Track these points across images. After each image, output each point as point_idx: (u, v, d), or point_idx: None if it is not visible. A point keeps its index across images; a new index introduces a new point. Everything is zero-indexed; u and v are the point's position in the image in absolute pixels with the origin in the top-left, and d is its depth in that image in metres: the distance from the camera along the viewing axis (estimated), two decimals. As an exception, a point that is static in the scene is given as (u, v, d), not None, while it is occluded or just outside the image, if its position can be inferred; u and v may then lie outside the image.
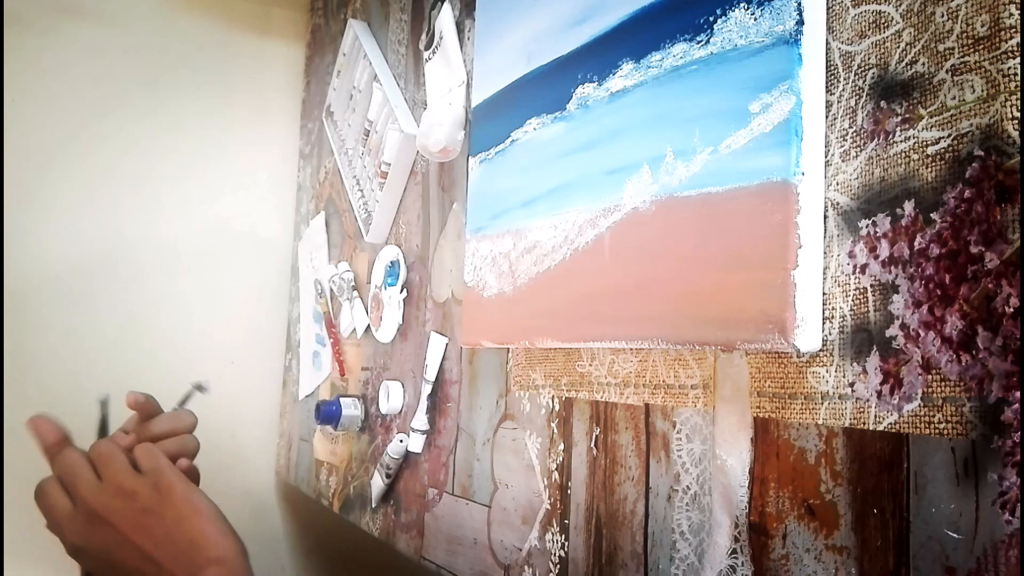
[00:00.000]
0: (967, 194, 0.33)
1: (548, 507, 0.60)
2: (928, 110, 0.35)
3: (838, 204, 0.39)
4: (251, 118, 1.33)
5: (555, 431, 0.60)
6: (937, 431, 0.33)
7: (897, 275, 0.35)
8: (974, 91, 0.33)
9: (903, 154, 0.36)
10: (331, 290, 1.06)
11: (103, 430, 0.64)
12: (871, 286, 0.37)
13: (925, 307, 0.34)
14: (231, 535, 0.53)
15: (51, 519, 0.54)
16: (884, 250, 0.36)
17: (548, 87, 0.57)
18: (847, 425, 0.38)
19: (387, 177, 0.87)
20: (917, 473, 0.34)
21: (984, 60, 0.32)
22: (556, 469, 0.59)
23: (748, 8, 0.41)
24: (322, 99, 1.18)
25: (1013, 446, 0.30)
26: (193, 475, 0.58)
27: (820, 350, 0.39)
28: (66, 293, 1.19)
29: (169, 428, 0.63)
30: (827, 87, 0.40)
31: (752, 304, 0.40)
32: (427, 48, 0.81)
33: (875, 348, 0.36)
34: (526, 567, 0.62)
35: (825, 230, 0.39)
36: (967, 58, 0.33)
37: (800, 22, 0.39)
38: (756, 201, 0.40)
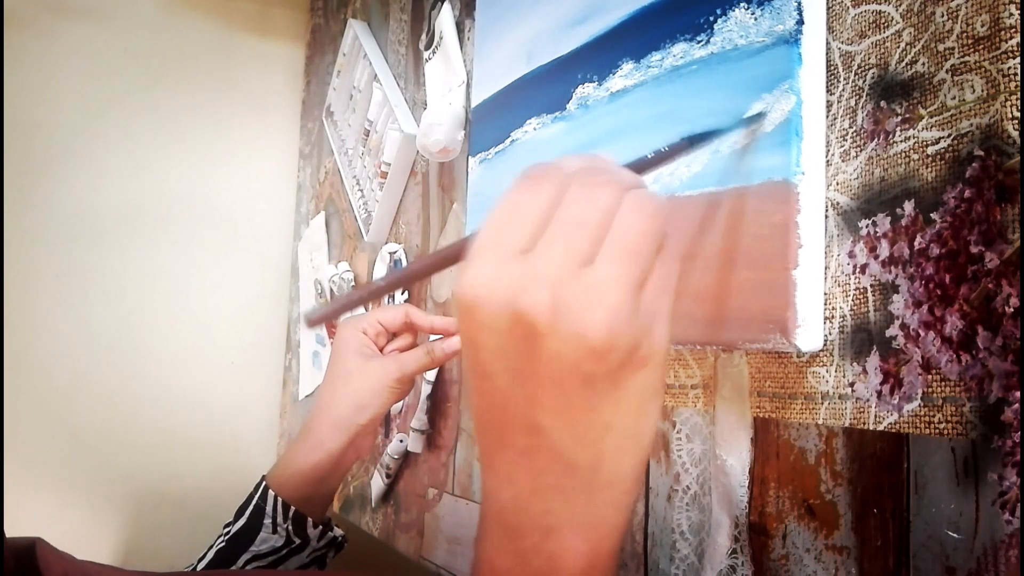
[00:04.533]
0: (967, 194, 0.33)
1: (548, 507, 0.60)
2: (928, 110, 0.35)
3: (838, 204, 0.39)
4: (251, 118, 1.33)
5: (555, 431, 0.60)
6: (937, 431, 0.33)
7: (897, 275, 0.35)
8: (974, 91, 0.33)
9: (903, 154, 0.36)
10: (331, 290, 1.06)
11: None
12: (871, 286, 0.37)
13: (925, 307, 0.34)
14: None
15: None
16: (884, 250, 0.36)
17: (548, 87, 0.57)
18: (847, 425, 0.38)
19: (387, 177, 0.87)
20: (917, 473, 0.34)
21: (984, 60, 0.32)
22: (556, 469, 0.59)
23: (748, 8, 0.41)
24: (322, 99, 1.18)
25: (1013, 446, 0.30)
26: None
27: (820, 350, 0.39)
28: (65, 292, 1.19)
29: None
30: (827, 87, 0.40)
31: (753, 304, 0.40)
32: (427, 48, 0.81)
33: (875, 348, 0.36)
34: (526, 567, 0.62)
35: (825, 230, 0.39)
36: (967, 58, 0.33)
37: (800, 22, 0.39)
38: (757, 201, 0.40)
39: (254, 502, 0.63)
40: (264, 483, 0.64)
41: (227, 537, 0.63)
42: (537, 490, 0.30)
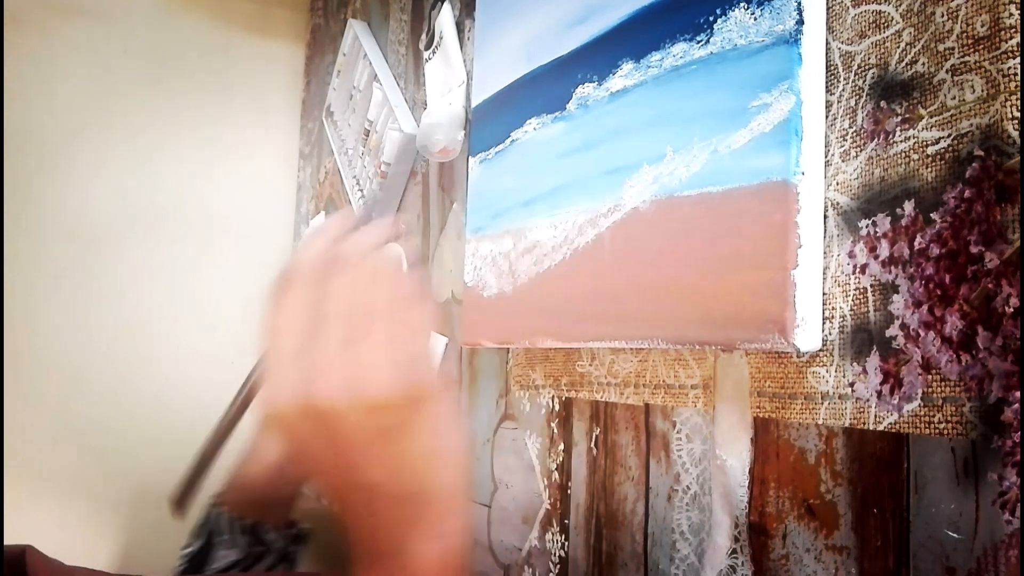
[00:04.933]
0: (967, 194, 0.33)
1: (548, 507, 0.60)
2: (928, 110, 0.35)
3: (838, 204, 0.39)
4: (251, 118, 1.33)
5: (555, 431, 0.60)
6: (937, 431, 0.33)
7: (897, 275, 0.35)
8: (974, 91, 0.33)
9: (903, 154, 0.36)
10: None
11: None
12: (871, 286, 0.37)
13: (925, 307, 0.34)
14: None
15: None
16: (884, 250, 0.36)
17: (548, 87, 0.57)
18: (847, 425, 0.38)
19: (387, 177, 0.87)
20: (917, 473, 0.34)
21: (984, 60, 0.32)
22: (556, 469, 0.59)
23: (748, 8, 0.41)
24: (322, 99, 1.18)
25: (1013, 446, 0.30)
26: None
27: (820, 350, 0.39)
28: (65, 292, 1.19)
29: None
30: (827, 87, 0.39)
31: (752, 304, 0.40)
32: (427, 48, 0.81)
33: (875, 348, 0.36)
34: (526, 567, 0.62)
35: (825, 230, 0.39)
36: (967, 58, 0.33)
37: (800, 22, 0.39)
38: (756, 201, 0.40)
39: (208, 523, 0.64)
40: (213, 503, 0.64)
41: (187, 559, 0.64)
42: (386, 524, 0.37)
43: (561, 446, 0.59)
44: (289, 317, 0.35)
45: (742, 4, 0.42)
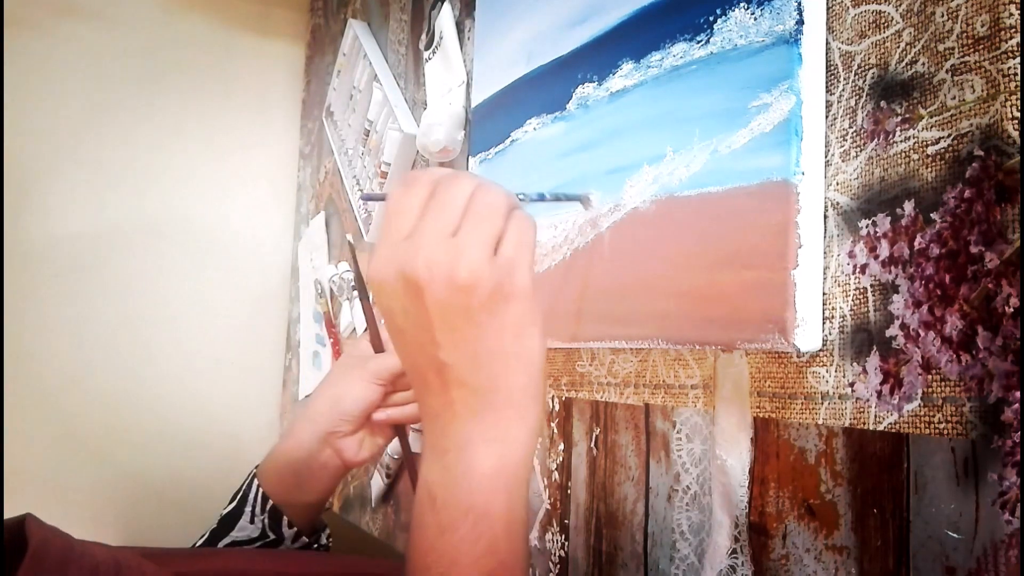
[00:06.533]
0: (967, 194, 0.33)
1: (548, 507, 0.60)
2: (928, 110, 0.35)
3: (838, 204, 0.39)
4: (251, 118, 1.33)
5: (555, 431, 0.60)
6: (937, 431, 0.33)
7: (897, 275, 0.35)
8: (974, 91, 0.33)
9: (903, 154, 0.36)
10: (331, 290, 1.06)
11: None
12: (871, 286, 0.37)
13: (925, 307, 0.34)
14: None
15: None
16: (884, 250, 0.36)
17: (548, 87, 0.57)
18: (847, 425, 0.38)
19: (387, 177, 0.87)
20: (917, 473, 0.34)
21: (984, 60, 0.32)
22: (556, 469, 0.59)
23: (748, 8, 0.41)
24: (322, 99, 1.18)
25: (1013, 446, 0.30)
26: None
27: (820, 350, 0.39)
28: (66, 292, 1.19)
29: None
30: (827, 87, 0.39)
31: (752, 304, 0.40)
32: (427, 48, 0.81)
33: (875, 348, 0.36)
34: (526, 567, 0.62)
35: (825, 230, 0.39)
36: (967, 58, 0.33)
37: (800, 22, 0.39)
38: (756, 201, 0.40)
39: (242, 488, 0.64)
40: (253, 472, 0.64)
41: (218, 519, 0.64)
42: (455, 415, 0.39)
43: (561, 446, 0.59)
44: (407, 205, 0.38)
45: (742, 4, 0.42)
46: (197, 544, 0.65)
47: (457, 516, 0.38)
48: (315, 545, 0.67)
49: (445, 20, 0.77)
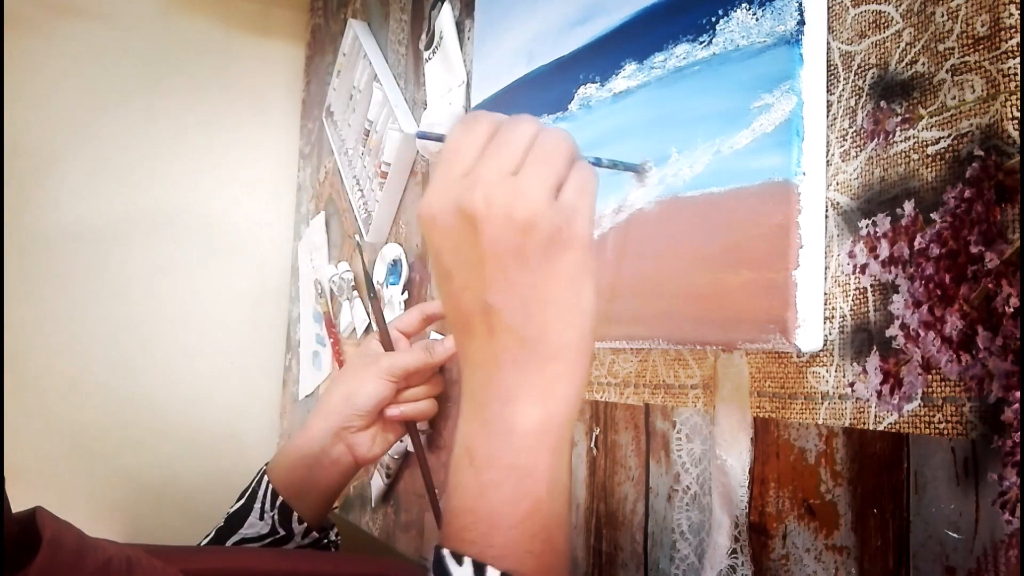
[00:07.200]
0: (967, 194, 0.33)
1: (548, 507, 0.60)
2: (928, 110, 0.35)
3: (838, 204, 0.39)
4: (251, 118, 1.33)
5: (555, 431, 0.60)
6: (937, 431, 0.33)
7: (897, 275, 0.35)
8: (974, 91, 0.33)
9: (903, 154, 0.36)
10: (331, 290, 1.06)
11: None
12: (871, 286, 0.37)
13: (925, 307, 0.34)
14: None
15: None
16: (884, 250, 0.36)
17: (549, 87, 0.57)
18: (847, 425, 0.38)
19: (387, 177, 0.87)
20: (917, 473, 0.35)
21: (984, 60, 0.33)
22: (556, 469, 0.59)
23: (750, 9, 0.41)
24: (322, 99, 1.18)
25: (1013, 446, 0.31)
26: None
27: (820, 350, 0.39)
28: (66, 292, 1.19)
29: None
30: (827, 87, 0.40)
31: (753, 304, 0.40)
32: (427, 48, 0.81)
33: (875, 348, 0.36)
34: (526, 567, 0.62)
35: (825, 230, 0.39)
36: (967, 58, 0.33)
37: (801, 22, 0.39)
38: (758, 201, 0.40)
39: (251, 486, 0.64)
40: (263, 470, 0.65)
41: (225, 517, 0.64)
42: (499, 365, 0.36)
43: (561, 446, 0.59)
44: (468, 143, 0.36)
45: (744, 5, 0.42)
46: (202, 543, 0.65)
47: (498, 475, 0.35)
48: (325, 541, 0.67)
49: (445, 20, 0.77)
